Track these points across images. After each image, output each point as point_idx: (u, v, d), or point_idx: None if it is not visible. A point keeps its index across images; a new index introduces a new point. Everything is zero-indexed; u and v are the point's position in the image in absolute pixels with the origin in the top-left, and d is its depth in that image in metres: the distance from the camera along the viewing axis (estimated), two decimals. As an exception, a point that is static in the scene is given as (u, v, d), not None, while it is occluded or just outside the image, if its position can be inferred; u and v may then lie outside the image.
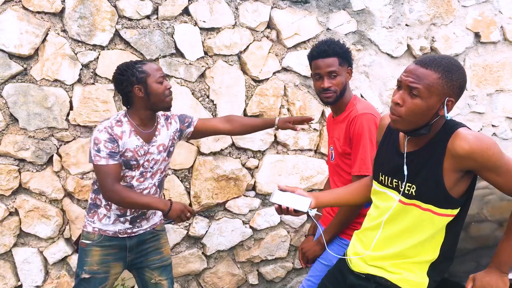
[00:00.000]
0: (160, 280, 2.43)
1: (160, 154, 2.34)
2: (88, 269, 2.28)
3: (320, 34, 3.27)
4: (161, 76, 2.24)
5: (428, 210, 1.60)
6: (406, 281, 1.65)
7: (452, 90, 1.52)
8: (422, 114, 1.53)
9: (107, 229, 2.30)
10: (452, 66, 1.52)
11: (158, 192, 2.41)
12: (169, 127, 2.41)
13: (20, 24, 2.64)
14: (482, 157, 1.49)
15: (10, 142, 2.71)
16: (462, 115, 3.75)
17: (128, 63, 2.26)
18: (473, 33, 3.70)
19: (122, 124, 2.25)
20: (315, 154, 3.40)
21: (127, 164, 2.24)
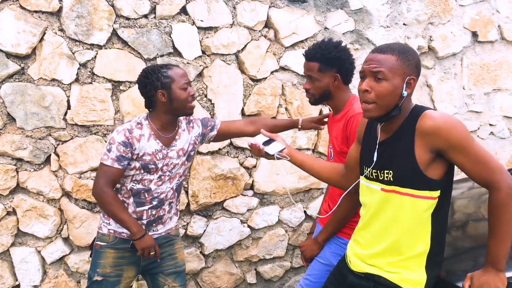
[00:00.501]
0: (173, 286, 2.40)
1: (179, 158, 2.32)
2: (101, 272, 2.26)
3: (318, 33, 3.27)
4: (185, 83, 2.23)
5: (408, 194, 1.63)
6: (405, 280, 1.66)
7: (410, 69, 1.64)
8: (391, 95, 1.63)
9: (123, 231, 2.27)
10: (405, 48, 1.67)
11: (175, 196, 2.40)
12: (191, 131, 2.40)
13: (17, 23, 2.63)
14: (448, 134, 1.55)
15: (8, 141, 2.71)
16: (459, 114, 3.76)
17: (154, 67, 2.25)
18: (470, 32, 3.71)
19: (142, 127, 2.25)
20: (313, 153, 3.41)
21: (145, 167, 2.23)
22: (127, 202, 2.28)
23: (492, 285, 1.57)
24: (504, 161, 3.94)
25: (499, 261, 1.58)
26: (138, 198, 2.27)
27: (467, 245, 2.33)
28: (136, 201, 2.27)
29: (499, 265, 1.58)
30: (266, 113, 3.21)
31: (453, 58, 3.70)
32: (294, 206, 3.41)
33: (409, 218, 1.64)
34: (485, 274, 1.59)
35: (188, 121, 2.42)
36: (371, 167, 1.75)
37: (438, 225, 1.67)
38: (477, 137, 3.85)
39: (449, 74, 3.70)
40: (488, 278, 1.58)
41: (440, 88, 3.66)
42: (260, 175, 3.27)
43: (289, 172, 3.33)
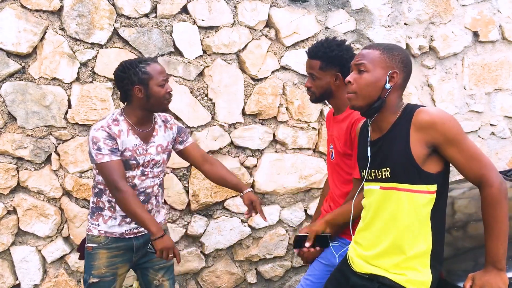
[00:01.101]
0: (163, 281, 2.42)
1: (159, 155, 2.31)
2: (96, 273, 2.25)
3: (319, 33, 3.26)
4: (163, 79, 2.20)
5: (406, 189, 1.65)
6: (410, 282, 1.65)
7: (394, 63, 1.69)
8: (370, 86, 1.68)
9: (114, 231, 2.27)
10: (392, 46, 1.74)
11: (160, 191, 2.40)
12: (167, 131, 2.38)
13: (18, 23, 2.63)
14: (442, 127, 1.58)
15: (8, 140, 2.71)
16: (460, 114, 3.75)
17: (132, 61, 2.22)
18: (471, 32, 3.71)
19: (119, 123, 2.22)
20: (313, 153, 3.41)
21: (126, 164, 2.21)
22: (113, 201, 2.24)
23: (494, 285, 1.57)
24: (505, 161, 3.93)
25: (498, 260, 1.58)
26: None
27: (468, 245, 2.32)
28: None
29: (499, 264, 1.58)
30: (267, 113, 3.20)
31: (454, 58, 3.70)
32: (295, 206, 3.41)
33: (408, 215, 1.65)
34: (486, 274, 1.59)
35: (164, 120, 2.40)
36: (368, 167, 1.77)
37: (437, 223, 1.68)
38: (478, 137, 3.84)
39: (450, 74, 3.70)
40: (489, 278, 1.58)
41: (441, 88, 3.66)
42: (261, 175, 3.26)
43: (290, 172, 3.33)
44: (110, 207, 2.27)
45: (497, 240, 1.57)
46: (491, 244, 1.59)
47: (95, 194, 2.31)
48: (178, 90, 2.97)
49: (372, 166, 1.76)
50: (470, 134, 3.82)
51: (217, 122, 3.12)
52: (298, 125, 3.31)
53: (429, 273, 1.66)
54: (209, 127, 3.11)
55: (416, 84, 3.60)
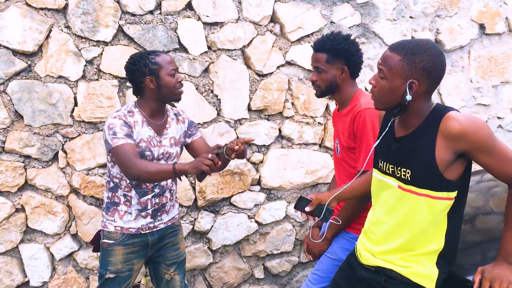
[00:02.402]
0: (175, 275, 2.45)
1: (173, 147, 2.34)
2: (113, 269, 2.27)
3: (324, 27, 3.25)
4: (173, 69, 2.25)
5: (425, 195, 1.62)
6: (416, 274, 1.66)
7: (414, 72, 1.58)
8: (388, 95, 1.63)
9: (130, 226, 2.29)
10: (417, 49, 1.58)
11: (174, 184, 2.43)
12: (179, 124, 2.42)
13: (23, 21, 2.64)
14: (475, 136, 1.53)
15: (16, 139, 2.72)
16: (467, 107, 3.73)
17: (141, 53, 2.26)
18: (478, 24, 3.68)
19: (134, 115, 2.26)
20: (319, 148, 3.40)
21: (142, 155, 2.23)
22: (129, 195, 2.28)
23: (504, 279, 1.56)
24: (513, 154, 3.91)
25: (511, 254, 1.57)
26: (140, 188, 2.28)
27: (476, 239, 2.31)
28: (139, 192, 2.28)
29: (511, 258, 1.57)
30: (273, 108, 3.20)
31: (461, 51, 3.67)
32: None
33: (425, 219, 1.64)
34: (497, 267, 1.59)
35: (176, 113, 2.44)
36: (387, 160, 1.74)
37: (453, 224, 1.66)
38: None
39: (457, 67, 3.67)
40: (500, 272, 1.57)
41: (447, 81, 3.64)
42: (267, 170, 3.26)
43: (296, 168, 3.33)
44: (126, 201, 2.29)
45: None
46: (507, 238, 1.59)
47: (110, 189, 2.33)
48: (184, 87, 2.97)
49: (391, 161, 1.73)
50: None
51: (223, 118, 3.12)
52: (304, 120, 3.30)
53: (435, 268, 1.66)
54: (215, 123, 3.11)
55: (422, 77, 3.58)
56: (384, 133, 1.80)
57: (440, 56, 1.61)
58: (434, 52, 1.60)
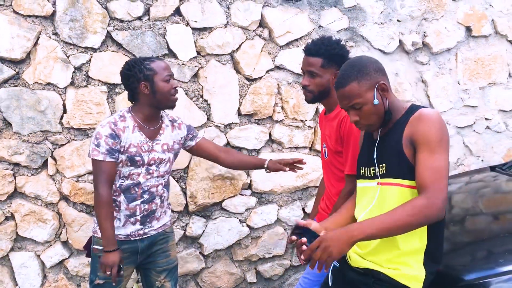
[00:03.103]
0: (164, 282, 2.44)
1: (165, 153, 2.35)
2: (102, 275, 2.25)
3: (312, 31, 3.27)
4: (168, 75, 2.25)
5: (397, 184, 1.68)
6: (403, 276, 1.67)
7: (373, 78, 1.69)
8: (376, 113, 1.71)
9: (119, 233, 2.29)
10: (357, 66, 1.71)
11: (165, 192, 2.43)
12: (174, 130, 2.43)
13: (11, 28, 2.63)
14: (427, 126, 1.61)
15: (4, 146, 2.71)
16: (455, 109, 3.77)
17: (136, 59, 2.28)
18: (464, 27, 3.72)
19: (126, 120, 2.27)
20: (310, 151, 3.41)
21: (131, 160, 2.24)
22: (118, 200, 2.29)
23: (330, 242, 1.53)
24: (501, 155, 3.95)
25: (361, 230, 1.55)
26: (129, 193, 2.28)
27: (466, 239, 2.34)
28: (127, 197, 2.28)
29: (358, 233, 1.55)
30: (263, 112, 3.21)
31: (448, 53, 3.71)
32: (293, 205, 3.42)
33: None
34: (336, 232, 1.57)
35: (172, 120, 2.45)
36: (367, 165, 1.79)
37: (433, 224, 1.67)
38: (473, 132, 3.86)
39: (444, 69, 3.71)
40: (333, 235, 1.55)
41: (435, 84, 3.68)
42: (258, 174, 3.27)
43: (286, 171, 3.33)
44: (115, 206, 2.29)
45: (379, 223, 1.55)
46: (375, 219, 1.57)
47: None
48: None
49: (372, 164, 1.78)
50: (465, 128, 3.83)
51: (213, 123, 3.12)
52: (294, 124, 3.31)
53: (422, 269, 1.68)
54: (205, 128, 3.11)
55: (410, 80, 3.61)
56: (366, 140, 1.88)
57: (371, 58, 1.78)
58: (366, 58, 1.76)
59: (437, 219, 1.57)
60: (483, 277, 1.88)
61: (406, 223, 1.54)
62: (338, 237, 1.54)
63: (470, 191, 2.94)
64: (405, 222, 1.54)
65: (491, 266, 1.94)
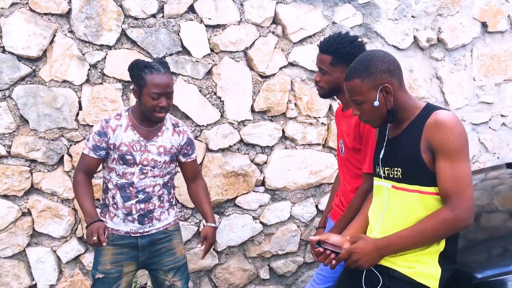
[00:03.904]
0: (174, 281, 2.40)
1: (161, 156, 2.31)
2: (102, 269, 2.28)
3: (325, 28, 3.26)
4: (155, 92, 2.16)
5: (416, 191, 1.65)
6: (419, 274, 1.66)
7: (378, 78, 1.66)
8: (375, 112, 1.70)
9: (119, 228, 2.31)
10: (365, 63, 1.68)
11: (165, 192, 2.39)
12: (174, 134, 2.38)
13: (27, 26, 2.66)
14: (446, 133, 1.56)
15: (21, 143, 2.74)
16: (470, 106, 3.73)
17: (140, 63, 2.21)
18: (480, 23, 3.68)
19: (121, 118, 2.28)
20: (323, 148, 3.41)
21: (123, 158, 2.24)
22: (116, 198, 2.30)
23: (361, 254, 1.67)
24: (517, 152, 3.91)
25: (388, 249, 1.66)
26: (124, 192, 2.28)
27: (481, 237, 2.31)
28: (123, 196, 2.29)
29: (385, 251, 1.66)
30: (276, 109, 3.21)
31: (463, 49, 3.68)
32: (306, 202, 3.42)
33: (420, 217, 1.64)
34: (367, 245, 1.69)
35: (176, 124, 2.41)
36: (380, 164, 1.78)
37: None
38: (489, 128, 3.82)
39: (459, 66, 3.68)
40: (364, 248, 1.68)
41: (450, 80, 3.64)
42: (271, 171, 3.27)
43: (300, 168, 3.33)
44: (113, 203, 2.31)
45: (406, 239, 1.62)
46: (401, 234, 1.63)
47: (103, 191, 2.38)
48: (187, 89, 2.99)
49: (386, 164, 1.77)
50: (481, 125, 3.80)
51: (226, 119, 3.13)
52: (307, 121, 3.31)
53: (438, 267, 1.66)
54: (219, 125, 3.12)
55: (425, 76, 3.58)
56: (379, 139, 1.87)
57: (385, 55, 1.71)
58: (379, 55, 1.70)
59: (465, 229, 1.58)
60: (498, 274, 1.86)
61: (433, 238, 1.62)
62: (368, 253, 1.66)
63: (486, 188, 2.91)
64: (432, 237, 1.61)
65: (507, 263, 1.92)
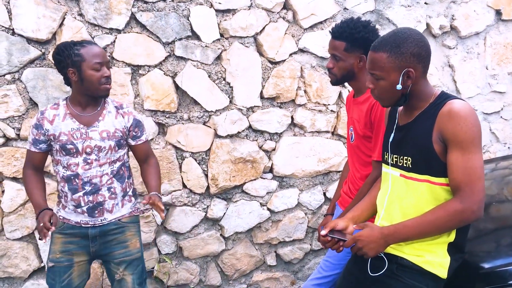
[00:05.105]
0: (124, 275, 2.31)
1: (104, 141, 2.22)
2: (52, 257, 2.24)
3: (337, 14, 3.22)
4: (97, 62, 2.12)
5: (425, 180, 1.63)
6: (428, 262, 1.65)
7: (406, 61, 1.61)
8: (390, 91, 1.66)
9: (70, 218, 2.26)
10: (399, 40, 1.62)
11: (115, 181, 2.29)
12: (118, 117, 2.28)
13: (37, 9, 2.65)
14: (459, 124, 1.53)
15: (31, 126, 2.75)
16: (482, 95, 3.68)
17: (67, 43, 2.14)
18: (494, 10, 3.62)
19: (58, 108, 2.23)
20: (332, 136, 3.39)
21: (64, 148, 2.18)
22: (64, 191, 2.25)
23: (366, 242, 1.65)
24: (528, 143, 3.86)
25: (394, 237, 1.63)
26: (71, 184, 2.22)
27: (490, 226, 2.30)
28: (70, 188, 2.22)
29: (392, 239, 1.64)
30: (285, 96, 3.19)
31: (476, 37, 3.62)
32: (314, 189, 3.41)
33: (430, 206, 1.63)
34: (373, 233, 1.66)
35: (119, 106, 2.32)
36: (389, 151, 1.76)
37: None
38: (501, 118, 3.77)
39: (472, 54, 3.62)
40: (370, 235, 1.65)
41: (462, 68, 3.59)
42: (279, 158, 3.26)
43: (308, 156, 3.32)
44: (64, 195, 2.27)
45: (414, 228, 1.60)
46: (409, 223, 1.62)
47: (57, 181, 2.33)
48: (196, 75, 2.98)
49: (395, 151, 1.74)
50: (492, 115, 3.75)
51: (235, 105, 3.12)
52: (317, 108, 3.29)
53: (447, 256, 1.65)
54: (227, 110, 3.11)
55: (437, 64, 3.53)
56: (389, 125, 1.83)
57: (421, 38, 1.64)
58: (415, 36, 1.63)
59: (475, 221, 1.56)
60: (507, 264, 1.85)
61: (441, 229, 1.59)
62: (373, 240, 1.63)
63: (496, 178, 2.89)
64: (440, 228, 1.59)
65: (517, 254, 1.91)
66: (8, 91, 2.70)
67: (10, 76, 2.70)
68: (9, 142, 2.78)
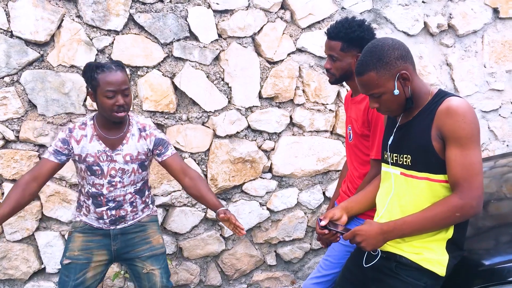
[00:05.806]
0: (152, 270, 2.34)
1: (128, 164, 2.23)
2: (69, 254, 2.25)
3: (334, 13, 3.23)
4: (110, 91, 2.08)
5: (425, 178, 1.64)
6: (427, 260, 1.66)
7: (394, 67, 1.62)
8: (395, 101, 1.67)
9: (92, 223, 2.29)
10: (377, 54, 1.63)
11: (138, 197, 2.32)
12: (141, 140, 2.27)
13: (35, 11, 2.66)
14: (457, 121, 1.54)
15: (30, 128, 2.76)
16: (480, 93, 3.69)
17: (92, 64, 2.12)
18: (491, 8, 3.62)
19: (86, 128, 2.21)
20: (331, 135, 3.39)
21: (90, 169, 2.19)
22: (87, 203, 2.26)
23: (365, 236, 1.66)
24: (527, 140, 3.87)
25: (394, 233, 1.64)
26: (95, 200, 2.24)
27: (489, 224, 2.30)
28: (94, 203, 2.25)
29: (390, 235, 1.65)
30: (284, 96, 3.20)
31: (474, 36, 3.63)
32: (313, 188, 3.41)
33: (429, 203, 1.64)
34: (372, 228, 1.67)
35: (142, 128, 2.28)
36: (389, 150, 1.77)
37: None
38: (499, 116, 3.78)
39: (470, 52, 3.63)
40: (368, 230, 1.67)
41: (460, 67, 3.60)
42: (278, 158, 3.27)
43: (307, 155, 3.33)
44: (86, 206, 2.28)
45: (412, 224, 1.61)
46: (407, 219, 1.63)
47: (78, 191, 2.33)
48: (194, 75, 2.98)
49: (395, 150, 1.75)
50: (491, 113, 3.76)
51: (234, 106, 3.12)
52: (315, 108, 3.29)
53: (445, 253, 1.66)
54: (226, 111, 3.11)
55: (435, 63, 3.54)
56: (389, 125, 1.84)
57: (394, 41, 1.66)
58: (387, 42, 1.65)
59: (474, 216, 1.57)
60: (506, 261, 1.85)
61: (440, 225, 1.60)
62: (372, 235, 1.65)
63: (495, 176, 2.89)
64: (439, 224, 1.60)
65: (515, 251, 1.91)
66: (7, 93, 2.70)
67: (9, 78, 2.70)
68: (9, 144, 2.79)
